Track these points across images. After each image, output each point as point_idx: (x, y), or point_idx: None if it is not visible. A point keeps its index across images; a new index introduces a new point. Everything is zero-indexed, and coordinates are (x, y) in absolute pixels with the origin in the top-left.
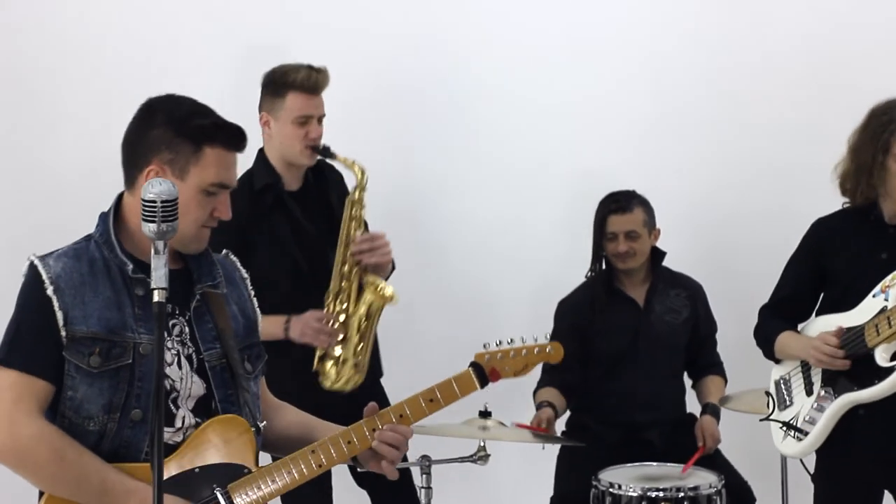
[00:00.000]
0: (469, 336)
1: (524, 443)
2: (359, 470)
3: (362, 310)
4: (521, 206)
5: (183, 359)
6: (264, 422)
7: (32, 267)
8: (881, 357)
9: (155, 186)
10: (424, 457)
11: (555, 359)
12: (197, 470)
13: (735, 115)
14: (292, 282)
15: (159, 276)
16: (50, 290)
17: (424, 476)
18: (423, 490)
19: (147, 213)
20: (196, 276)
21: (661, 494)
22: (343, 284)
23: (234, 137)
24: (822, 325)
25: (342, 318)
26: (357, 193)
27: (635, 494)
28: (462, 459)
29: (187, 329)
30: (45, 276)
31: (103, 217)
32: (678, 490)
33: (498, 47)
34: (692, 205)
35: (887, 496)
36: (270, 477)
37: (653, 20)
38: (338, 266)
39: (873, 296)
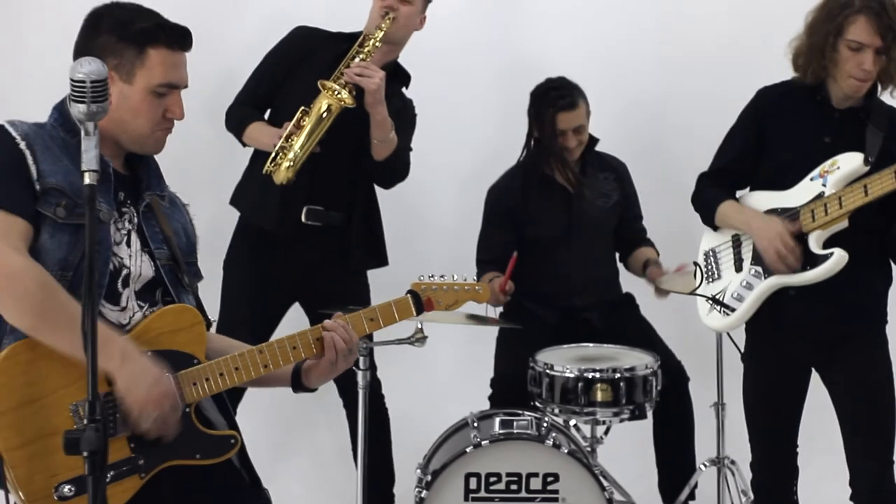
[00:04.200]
0: (400, 220)
1: (461, 325)
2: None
3: (315, 110)
4: (452, 89)
5: (134, 236)
6: (216, 319)
7: (1, 127)
8: (814, 243)
9: (84, 66)
10: (363, 339)
11: (482, 299)
12: (148, 353)
13: None
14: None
15: (89, 157)
16: (23, 145)
17: (363, 358)
18: (361, 373)
19: (76, 94)
20: (145, 184)
21: (597, 375)
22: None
23: (177, 37)
24: (757, 202)
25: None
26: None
27: (571, 375)
28: (399, 342)
29: (136, 219)
30: (14, 134)
31: (58, 107)
32: (614, 371)
33: None
34: (621, 87)
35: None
36: (219, 370)
37: None
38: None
39: (811, 179)
